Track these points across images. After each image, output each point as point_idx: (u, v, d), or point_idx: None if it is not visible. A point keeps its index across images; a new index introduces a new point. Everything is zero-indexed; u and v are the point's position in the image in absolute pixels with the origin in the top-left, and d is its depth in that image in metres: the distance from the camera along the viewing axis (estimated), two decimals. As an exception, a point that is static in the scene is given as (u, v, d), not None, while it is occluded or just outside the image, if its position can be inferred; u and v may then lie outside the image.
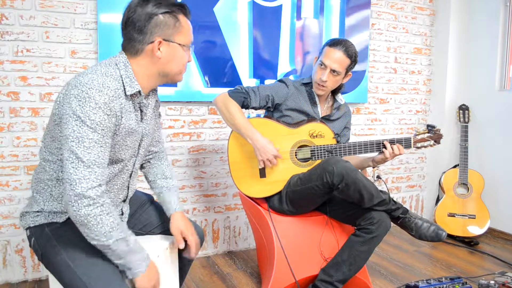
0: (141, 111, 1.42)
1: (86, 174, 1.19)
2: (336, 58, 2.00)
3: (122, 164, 1.40)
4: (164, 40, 1.33)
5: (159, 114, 1.62)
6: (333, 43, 2.03)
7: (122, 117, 1.31)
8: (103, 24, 2.31)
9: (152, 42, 1.32)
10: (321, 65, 2.03)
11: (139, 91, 1.35)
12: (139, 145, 1.46)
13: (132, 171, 1.49)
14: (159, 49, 1.33)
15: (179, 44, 1.36)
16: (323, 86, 2.06)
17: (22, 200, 2.28)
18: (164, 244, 1.54)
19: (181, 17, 1.36)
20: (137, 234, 1.60)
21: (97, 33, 2.32)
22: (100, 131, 1.22)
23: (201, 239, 1.65)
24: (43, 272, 2.35)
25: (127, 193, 1.52)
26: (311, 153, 2.07)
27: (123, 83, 1.31)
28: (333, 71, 2.01)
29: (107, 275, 1.27)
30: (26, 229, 1.41)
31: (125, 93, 1.32)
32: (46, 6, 2.23)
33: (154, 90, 1.50)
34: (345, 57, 2.01)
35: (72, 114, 1.20)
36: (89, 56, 2.34)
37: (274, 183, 2.07)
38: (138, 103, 1.39)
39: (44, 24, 2.24)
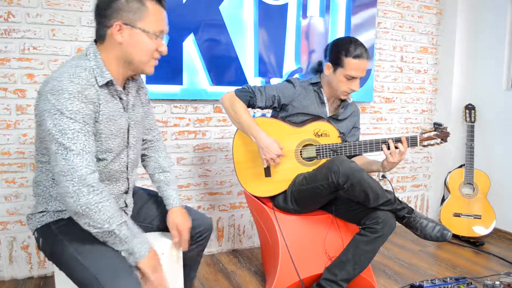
0: (120, 98, 1.40)
1: (78, 162, 1.20)
2: (364, 68, 2.00)
3: (113, 154, 1.39)
4: (124, 24, 1.30)
5: (148, 101, 1.60)
6: (355, 54, 1.96)
7: (100, 104, 1.30)
8: (109, 22, 2.32)
9: (111, 26, 1.30)
10: (350, 78, 2.01)
11: (111, 80, 1.33)
12: (128, 135, 1.45)
13: (128, 162, 1.48)
14: (120, 33, 1.31)
15: (143, 31, 1.32)
16: (350, 93, 2.08)
17: (28, 197, 2.29)
18: (168, 242, 1.55)
19: (149, 2, 1.32)
20: (145, 228, 1.61)
21: (103, 31, 2.32)
22: (80, 120, 1.22)
23: (209, 230, 1.66)
24: (49, 268, 2.36)
25: (128, 185, 1.52)
26: (316, 152, 2.07)
27: (94, 73, 1.30)
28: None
29: (115, 266, 1.27)
30: (34, 231, 1.41)
31: (97, 83, 1.30)
32: (52, 4, 2.24)
33: (133, 78, 1.47)
34: (368, 62, 2.02)
35: (49, 109, 1.20)
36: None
37: (279, 183, 2.07)
38: (114, 91, 1.37)
39: (50, 22, 2.24)
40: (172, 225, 1.53)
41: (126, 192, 1.53)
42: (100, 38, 1.35)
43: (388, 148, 1.98)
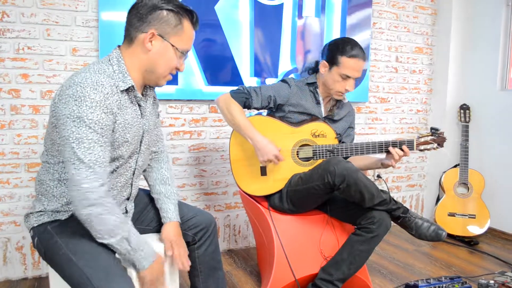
0: (139, 105, 1.42)
1: (88, 174, 1.20)
2: (360, 68, 2.00)
3: (122, 161, 1.40)
4: (158, 34, 1.33)
5: (158, 114, 1.62)
6: (351, 54, 1.96)
7: (118, 114, 1.31)
8: (104, 22, 2.31)
9: (146, 32, 1.32)
10: (345, 77, 2.01)
11: (132, 86, 1.35)
12: (141, 142, 1.46)
13: (135, 169, 1.48)
14: (150, 41, 1.33)
15: (173, 46, 1.35)
16: (344, 93, 2.07)
17: (22, 197, 2.28)
18: (163, 245, 1.54)
19: (186, 22, 1.36)
20: (144, 230, 1.62)
21: (98, 31, 2.31)
22: (99, 130, 1.23)
23: (211, 225, 1.64)
24: (43, 269, 2.35)
25: (131, 191, 1.52)
26: (312, 153, 2.07)
27: (115, 79, 1.31)
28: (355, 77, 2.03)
29: (109, 267, 1.27)
30: (30, 229, 1.42)
31: (118, 88, 1.31)
32: (47, 4, 2.22)
33: (150, 86, 1.49)
34: (364, 62, 2.02)
35: (69, 115, 1.20)
36: (90, 53, 2.34)
37: (275, 182, 2.07)
38: (134, 97, 1.38)
39: (45, 21, 2.23)
40: (166, 240, 1.52)
41: (128, 199, 1.53)
42: (128, 39, 1.36)
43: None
